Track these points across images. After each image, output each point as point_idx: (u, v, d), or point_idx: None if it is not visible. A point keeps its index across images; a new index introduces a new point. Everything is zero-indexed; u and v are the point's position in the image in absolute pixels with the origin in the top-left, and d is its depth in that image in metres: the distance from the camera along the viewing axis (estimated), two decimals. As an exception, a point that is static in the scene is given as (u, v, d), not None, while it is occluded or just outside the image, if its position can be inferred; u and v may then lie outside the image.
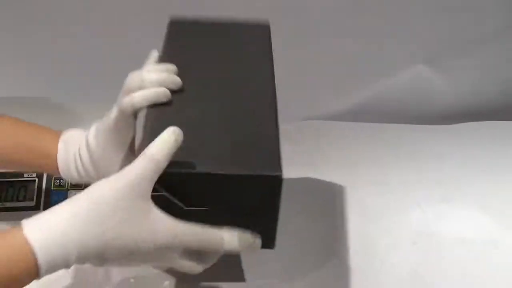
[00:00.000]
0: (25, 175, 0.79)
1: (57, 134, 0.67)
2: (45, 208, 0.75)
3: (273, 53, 0.67)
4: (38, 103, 0.98)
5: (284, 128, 0.61)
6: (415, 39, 1.32)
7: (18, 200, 0.77)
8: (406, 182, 0.94)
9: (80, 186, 0.77)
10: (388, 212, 0.85)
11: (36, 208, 0.76)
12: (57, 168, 0.66)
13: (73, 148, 0.66)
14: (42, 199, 0.77)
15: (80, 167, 0.65)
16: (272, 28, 0.72)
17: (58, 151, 0.66)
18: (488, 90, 1.33)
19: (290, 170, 0.61)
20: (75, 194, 0.76)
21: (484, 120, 1.19)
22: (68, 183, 0.79)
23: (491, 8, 1.32)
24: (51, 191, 0.78)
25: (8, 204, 0.77)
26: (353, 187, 0.92)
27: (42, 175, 0.79)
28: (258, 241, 0.56)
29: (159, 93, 0.58)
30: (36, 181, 0.78)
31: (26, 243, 0.46)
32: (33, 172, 0.79)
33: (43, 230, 0.47)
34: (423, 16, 1.31)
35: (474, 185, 0.93)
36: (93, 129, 0.64)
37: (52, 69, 1.06)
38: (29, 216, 0.74)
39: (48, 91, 1.03)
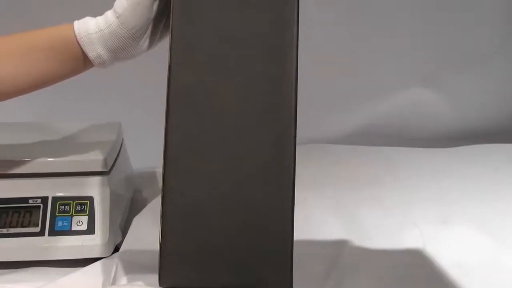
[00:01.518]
0: (30, 201, 0.79)
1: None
2: (50, 234, 0.77)
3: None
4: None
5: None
6: (413, 62, 1.33)
7: (23, 226, 0.78)
8: (404, 202, 0.95)
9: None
10: (386, 232, 0.85)
11: (41, 234, 0.77)
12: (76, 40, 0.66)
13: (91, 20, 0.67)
14: (47, 225, 0.77)
15: (100, 19, 0.66)
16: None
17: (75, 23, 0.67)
18: (485, 112, 1.34)
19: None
20: (79, 220, 0.79)
21: (483, 143, 1.20)
22: (73, 208, 0.79)
23: (487, 28, 1.33)
24: (56, 217, 0.79)
25: (12, 230, 0.77)
26: (353, 207, 0.93)
27: (47, 201, 0.80)
28: None
29: None
30: (41, 207, 0.79)
31: None
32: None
33: None
34: (421, 40, 1.32)
35: (472, 205, 0.94)
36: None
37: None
38: (34, 242, 0.75)
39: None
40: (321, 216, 0.90)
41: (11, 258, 0.76)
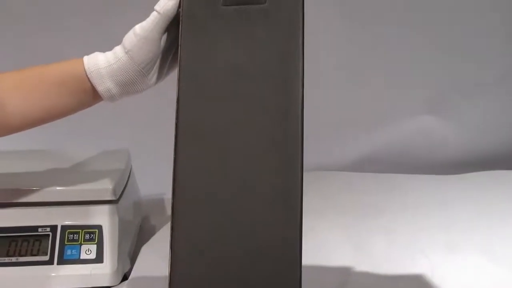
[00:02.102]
0: (39, 229, 0.80)
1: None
2: (59, 263, 0.78)
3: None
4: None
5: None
6: (419, 89, 1.34)
7: (32, 255, 0.78)
8: (412, 229, 0.94)
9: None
10: (393, 259, 0.85)
11: (50, 263, 0.77)
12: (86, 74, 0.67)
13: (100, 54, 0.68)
14: (56, 253, 0.78)
15: (109, 54, 0.67)
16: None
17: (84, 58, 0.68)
18: (492, 138, 1.34)
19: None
20: (88, 248, 0.79)
21: (490, 170, 1.19)
22: (81, 237, 0.80)
23: (492, 55, 1.34)
24: (65, 246, 0.79)
25: (22, 259, 0.78)
26: (360, 235, 0.93)
27: (56, 229, 0.80)
28: None
29: None
30: (50, 236, 0.79)
31: None
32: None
33: None
34: (426, 66, 1.33)
35: (481, 233, 0.93)
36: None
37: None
38: (43, 271, 0.76)
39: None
40: (328, 243, 0.90)
41: (20, 287, 0.76)
